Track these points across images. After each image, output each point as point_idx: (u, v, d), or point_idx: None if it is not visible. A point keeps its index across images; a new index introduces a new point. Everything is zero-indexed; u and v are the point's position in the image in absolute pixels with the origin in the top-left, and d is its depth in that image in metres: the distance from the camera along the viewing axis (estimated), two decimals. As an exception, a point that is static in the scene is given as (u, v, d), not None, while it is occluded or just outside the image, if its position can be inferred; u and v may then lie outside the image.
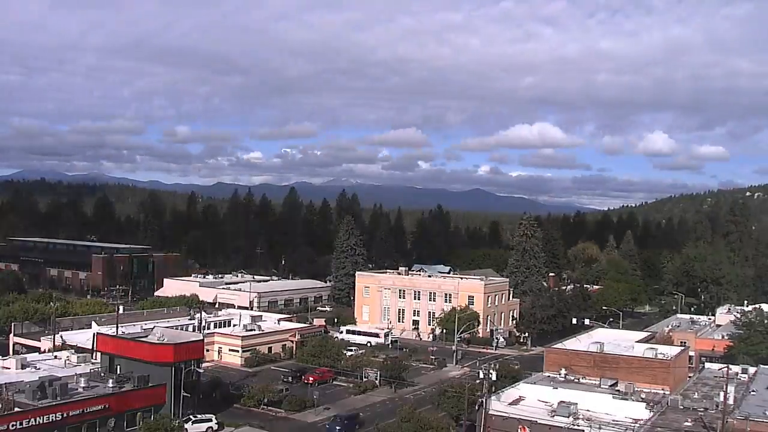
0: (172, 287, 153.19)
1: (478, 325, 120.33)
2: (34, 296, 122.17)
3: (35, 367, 71.46)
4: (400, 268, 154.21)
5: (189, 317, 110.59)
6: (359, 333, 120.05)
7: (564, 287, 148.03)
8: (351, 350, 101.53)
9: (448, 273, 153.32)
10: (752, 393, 67.01)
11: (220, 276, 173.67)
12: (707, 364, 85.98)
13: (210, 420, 66.38)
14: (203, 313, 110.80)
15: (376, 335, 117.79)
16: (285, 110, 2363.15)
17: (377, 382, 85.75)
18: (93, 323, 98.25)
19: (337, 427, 67.22)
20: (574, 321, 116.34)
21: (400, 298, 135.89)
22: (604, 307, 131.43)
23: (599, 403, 62.15)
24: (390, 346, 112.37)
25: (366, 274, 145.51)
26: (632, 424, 57.48)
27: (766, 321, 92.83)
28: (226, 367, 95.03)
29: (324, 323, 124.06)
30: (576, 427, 57.25)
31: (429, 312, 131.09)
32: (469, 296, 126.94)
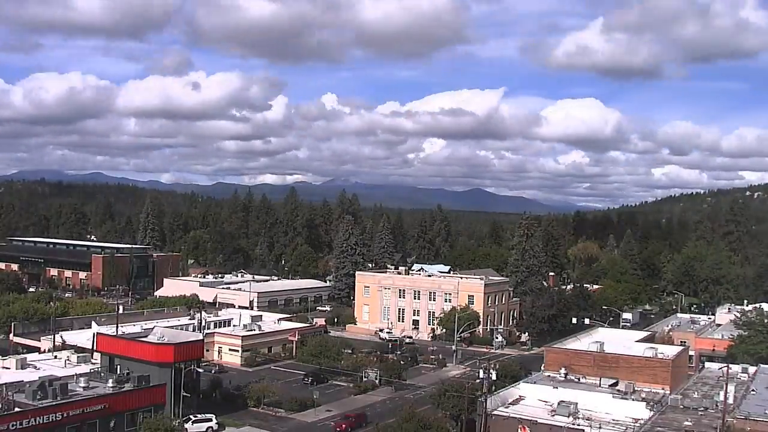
0: (172, 287, 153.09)
1: (478, 325, 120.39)
2: (34, 296, 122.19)
3: (35, 367, 71.45)
4: (400, 268, 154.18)
5: (189, 317, 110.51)
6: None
7: (564, 287, 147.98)
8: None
9: (448, 273, 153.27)
10: (752, 393, 67.09)
11: (220, 276, 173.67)
12: (707, 364, 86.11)
13: (210, 420, 66.39)
14: (203, 313, 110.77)
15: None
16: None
17: (377, 382, 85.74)
18: (93, 323, 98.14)
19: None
20: (574, 321, 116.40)
21: (400, 297, 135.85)
22: (604, 307, 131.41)
23: (599, 403, 62.23)
24: (390, 346, 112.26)
25: (366, 274, 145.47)
26: (632, 424, 57.56)
27: (766, 320, 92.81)
28: (226, 366, 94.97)
29: (324, 323, 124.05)
30: (576, 426, 57.32)
31: (429, 312, 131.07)
32: (469, 296, 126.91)
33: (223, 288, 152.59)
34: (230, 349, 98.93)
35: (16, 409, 54.36)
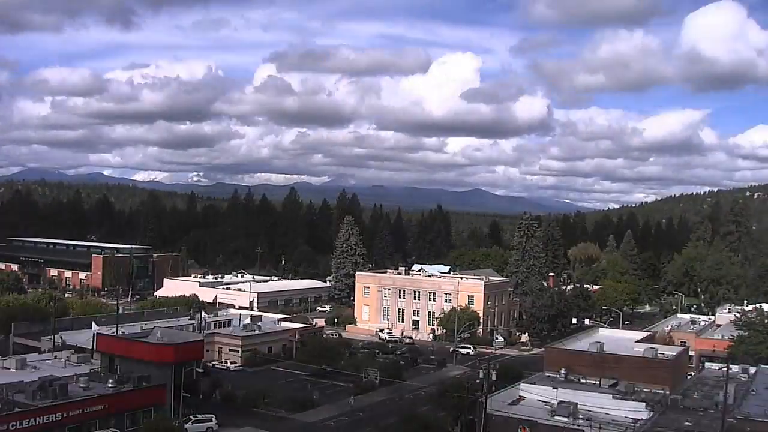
0: (172, 287, 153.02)
1: (478, 325, 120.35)
2: (34, 296, 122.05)
3: (35, 368, 71.37)
4: (400, 268, 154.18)
5: (189, 317, 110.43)
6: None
7: (564, 287, 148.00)
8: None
9: (448, 273, 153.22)
10: (752, 393, 67.10)
11: (220, 276, 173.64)
12: (707, 364, 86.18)
13: (210, 420, 66.36)
14: (203, 313, 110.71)
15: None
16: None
17: (377, 382, 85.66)
18: (93, 323, 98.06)
19: None
20: (574, 321, 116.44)
21: (400, 297, 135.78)
22: (604, 307, 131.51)
23: (599, 403, 62.18)
24: (389, 345, 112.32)
25: (366, 274, 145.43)
26: (632, 424, 57.55)
27: (766, 321, 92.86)
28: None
29: (324, 323, 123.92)
30: (576, 426, 57.33)
31: (429, 312, 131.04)
32: (469, 296, 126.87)
33: (223, 288, 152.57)
34: (230, 350, 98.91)
35: (16, 409, 54.34)
